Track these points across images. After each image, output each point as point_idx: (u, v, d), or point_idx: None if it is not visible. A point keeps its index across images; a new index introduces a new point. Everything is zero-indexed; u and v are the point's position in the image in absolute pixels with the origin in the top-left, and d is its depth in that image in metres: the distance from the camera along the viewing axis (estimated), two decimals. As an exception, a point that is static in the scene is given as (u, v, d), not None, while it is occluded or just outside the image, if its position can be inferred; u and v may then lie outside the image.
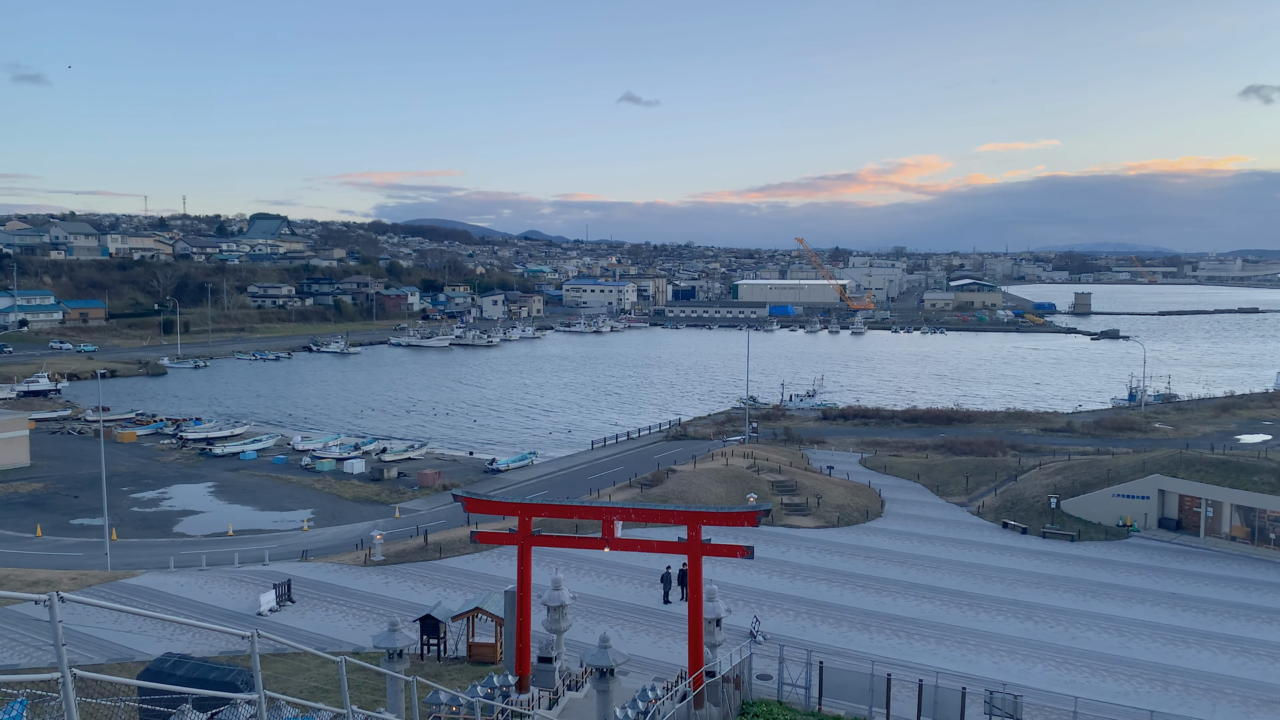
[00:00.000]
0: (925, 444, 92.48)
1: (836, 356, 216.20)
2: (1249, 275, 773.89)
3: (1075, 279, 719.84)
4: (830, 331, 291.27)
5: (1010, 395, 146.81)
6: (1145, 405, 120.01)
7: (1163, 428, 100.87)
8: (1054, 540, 60.27)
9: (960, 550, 57.79)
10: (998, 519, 64.83)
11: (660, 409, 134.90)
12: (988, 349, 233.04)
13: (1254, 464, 61.59)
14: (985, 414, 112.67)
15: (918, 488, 75.29)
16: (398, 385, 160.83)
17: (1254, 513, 58.15)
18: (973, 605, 47.72)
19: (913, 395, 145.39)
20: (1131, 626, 44.83)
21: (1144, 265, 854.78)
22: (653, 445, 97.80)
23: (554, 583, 33.89)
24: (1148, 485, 62.33)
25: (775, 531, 61.01)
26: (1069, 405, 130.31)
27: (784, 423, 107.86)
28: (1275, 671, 39.80)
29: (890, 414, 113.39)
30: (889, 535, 61.39)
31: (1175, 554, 57.09)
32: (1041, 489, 67.67)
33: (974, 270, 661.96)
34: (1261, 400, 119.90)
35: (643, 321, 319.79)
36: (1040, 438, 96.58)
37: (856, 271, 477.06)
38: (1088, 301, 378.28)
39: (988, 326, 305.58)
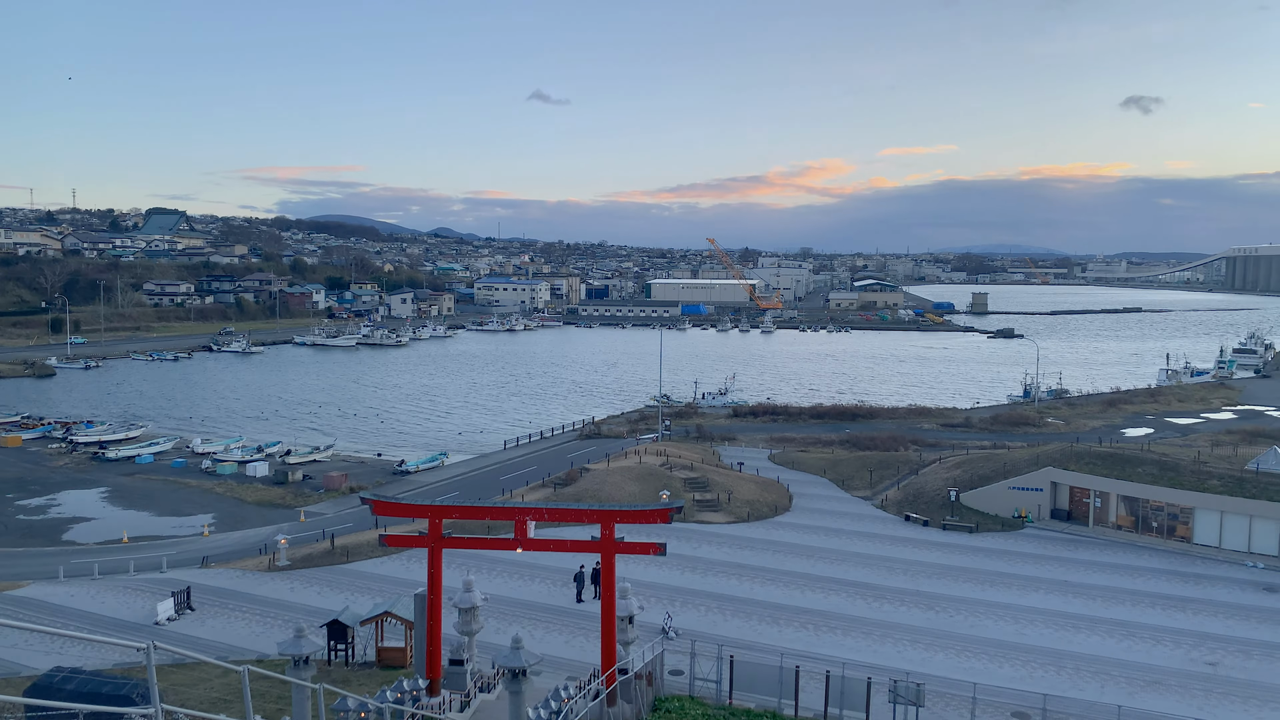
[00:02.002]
0: (831, 440, 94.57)
1: (747, 355, 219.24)
2: (1133, 276, 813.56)
3: (973, 279, 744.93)
4: (741, 330, 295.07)
5: (912, 392, 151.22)
6: (1039, 401, 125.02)
7: (1055, 422, 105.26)
8: (954, 532, 62.38)
9: (865, 543, 59.33)
10: (900, 512, 66.75)
11: (574, 408, 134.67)
12: (890, 347, 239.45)
13: (1138, 456, 64.81)
14: (888, 410, 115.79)
15: (824, 482, 76.97)
16: (303, 386, 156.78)
17: (1138, 502, 61.20)
18: (877, 596, 49.06)
19: (819, 393, 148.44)
20: (1027, 614, 46.74)
21: (1037, 266, 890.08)
22: (566, 444, 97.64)
23: (465, 584, 33.59)
24: (1041, 478, 65.01)
25: (688, 528, 61.61)
26: (967, 401, 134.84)
27: (696, 420, 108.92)
28: (1158, 653, 42.01)
29: (798, 411, 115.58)
30: (797, 529, 62.63)
31: (1067, 543, 59.70)
32: (942, 482, 69.92)
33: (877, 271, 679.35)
34: (1144, 396, 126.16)
35: (556, 320, 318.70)
36: (940, 433, 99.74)
37: (766, 272, 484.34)
38: (984, 301, 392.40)
39: (890, 325, 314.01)
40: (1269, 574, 53.12)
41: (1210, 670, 40.10)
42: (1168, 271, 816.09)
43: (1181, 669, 40.25)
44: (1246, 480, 58.09)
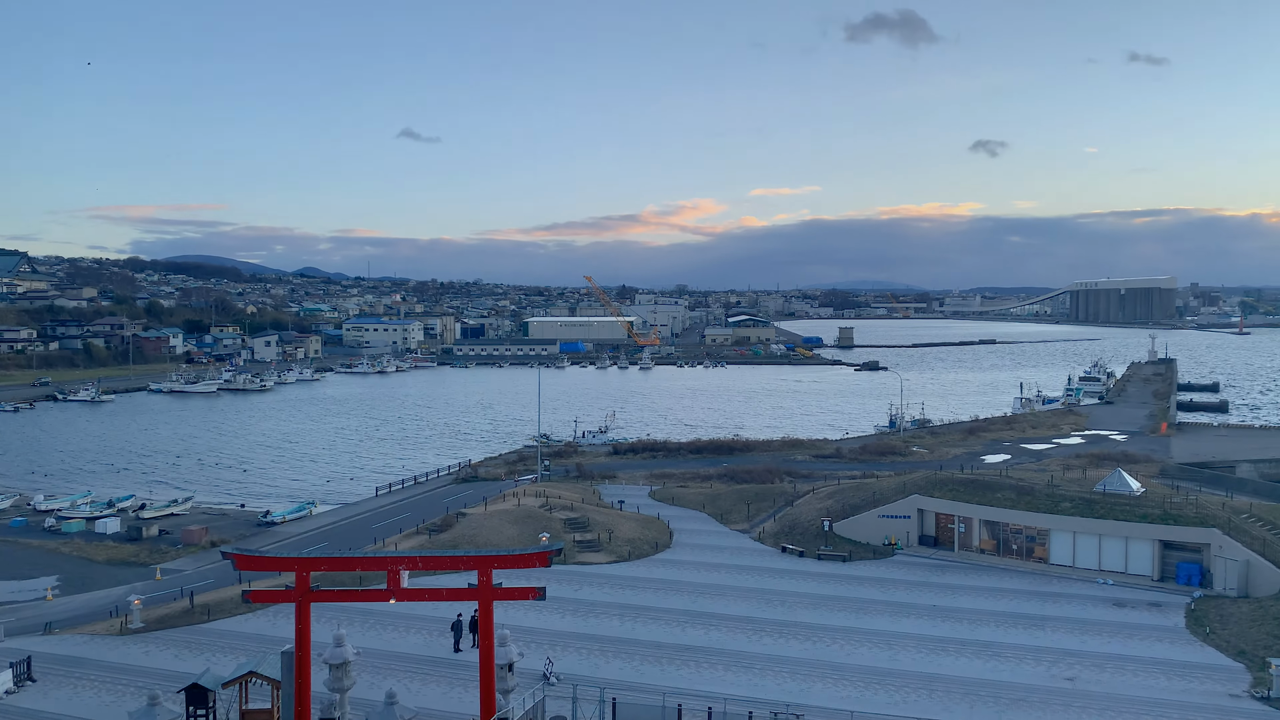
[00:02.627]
0: (710, 474, 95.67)
1: (626, 392, 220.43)
2: (987, 310, 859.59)
3: (839, 314, 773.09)
4: (620, 367, 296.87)
5: (785, 424, 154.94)
6: (904, 431, 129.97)
7: (919, 451, 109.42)
8: (828, 561, 63.80)
9: (744, 576, 59.99)
10: (777, 543, 67.87)
11: (449, 450, 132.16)
12: (764, 381, 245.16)
13: (997, 482, 67.92)
14: (763, 443, 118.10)
15: (703, 517, 77.65)
16: (158, 435, 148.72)
17: (999, 526, 64.06)
18: (757, 629, 49.56)
19: (698, 427, 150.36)
20: (899, 639, 48.04)
21: (899, 302, 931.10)
22: (441, 488, 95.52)
23: (336, 639, 32.27)
24: (908, 505, 67.34)
25: (568, 570, 60.98)
26: (838, 432, 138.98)
27: (576, 459, 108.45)
28: (1022, 671, 43.79)
29: (677, 446, 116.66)
30: (677, 566, 62.84)
31: (934, 568, 61.86)
32: (815, 513, 71.53)
33: (750, 307, 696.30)
34: (1001, 424, 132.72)
35: (430, 361, 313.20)
36: (813, 464, 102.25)
37: (642, 309, 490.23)
38: (850, 336, 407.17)
39: (764, 360, 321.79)
40: (1118, 590, 56.27)
41: (1069, 685, 42.02)
42: (1018, 305, 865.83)
43: (1043, 685, 42.04)
44: (1095, 501, 61.60)
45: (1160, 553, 57.47)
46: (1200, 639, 47.48)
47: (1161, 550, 57.47)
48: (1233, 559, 53.99)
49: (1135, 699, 40.34)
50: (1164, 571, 57.20)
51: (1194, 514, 57.89)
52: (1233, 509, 60.17)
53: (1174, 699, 40.26)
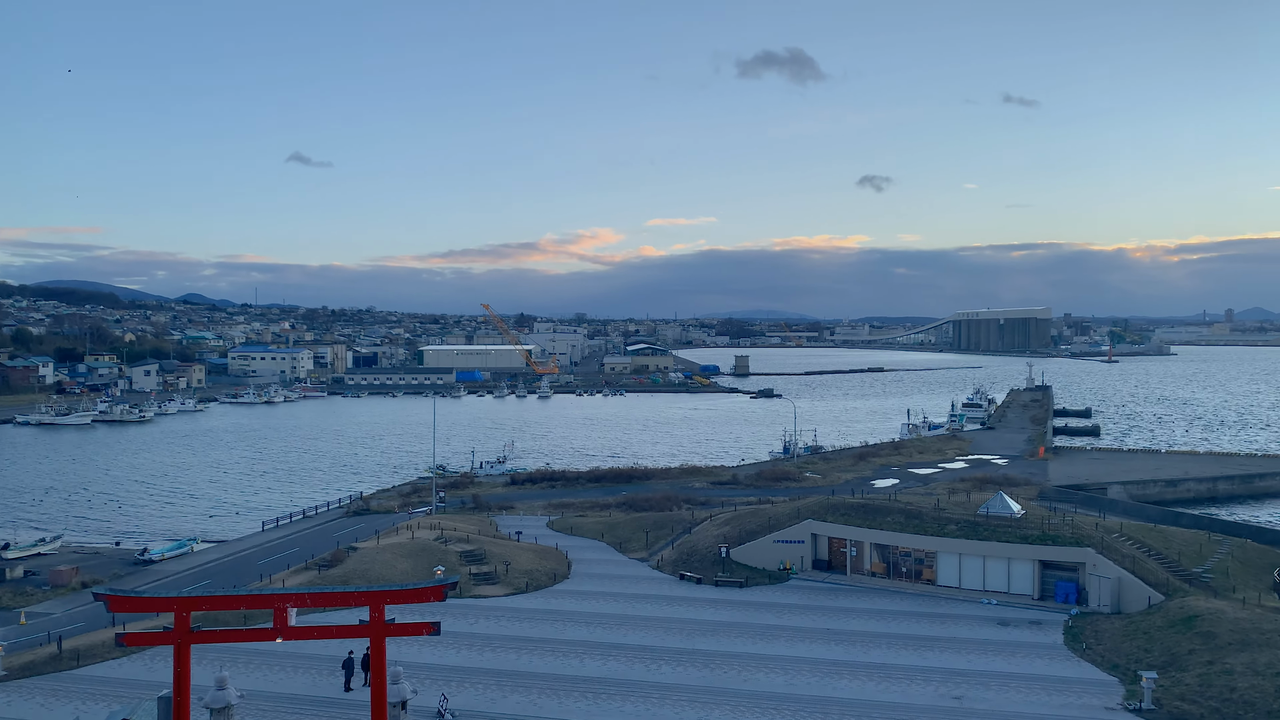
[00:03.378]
0: (608, 503, 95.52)
1: (525, 421, 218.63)
2: (875, 339, 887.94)
3: (735, 343, 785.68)
4: (518, 396, 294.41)
5: (684, 452, 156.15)
6: (797, 457, 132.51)
7: (813, 476, 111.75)
8: (726, 588, 64.31)
9: (642, 605, 59.93)
10: (676, 571, 68.10)
11: (340, 483, 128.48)
12: (663, 409, 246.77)
13: (886, 506, 69.81)
14: (662, 471, 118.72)
15: (602, 546, 77.38)
16: (24, 470, 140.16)
17: (888, 549, 65.76)
18: (655, 658, 49.49)
19: (597, 456, 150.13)
20: (795, 664, 48.67)
21: (792, 331, 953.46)
22: (332, 523, 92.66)
23: (218, 682, 30.86)
24: (802, 530, 68.56)
25: (464, 603, 59.83)
26: (735, 459, 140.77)
27: (473, 490, 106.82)
28: (912, 692, 44.87)
29: (576, 475, 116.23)
30: (576, 596, 62.36)
31: (828, 592, 63.03)
32: (713, 539, 72.11)
33: (648, 335, 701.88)
34: (890, 449, 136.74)
35: (320, 390, 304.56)
36: (711, 491, 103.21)
37: (541, 337, 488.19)
38: (746, 364, 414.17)
39: (662, 388, 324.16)
40: (1002, 609, 58.38)
41: (956, 704, 43.26)
42: (905, 334, 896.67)
43: (932, 705, 43.16)
44: (979, 524, 63.91)
45: (1040, 572, 59.90)
46: (1077, 654, 49.58)
47: (1041, 570, 59.90)
48: (1106, 577, 56.66)
49: (1018, 715, 41.77)
50: (1044, 590, 59.60)
51: (1070, 534, 60.60)
52: (1105, 529, 63.24)
53: (1053, 713, 41.85)
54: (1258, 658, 43.36)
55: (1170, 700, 42.11)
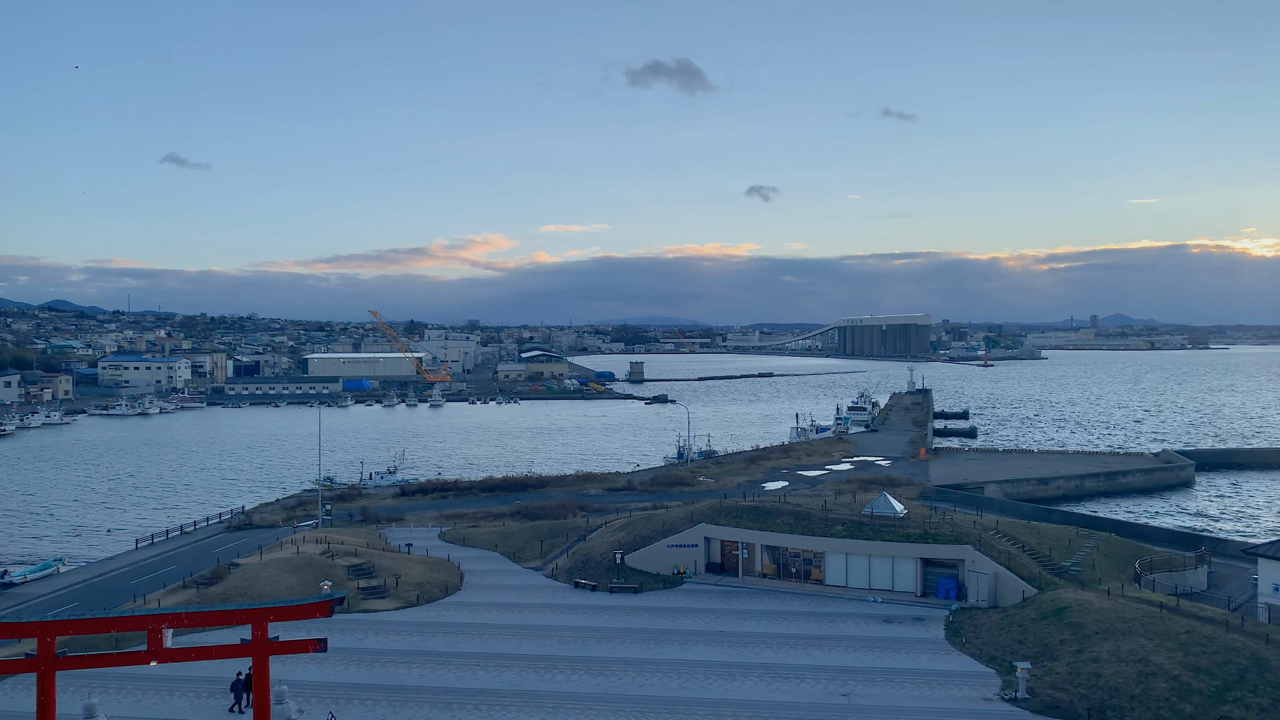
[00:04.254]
0: (502, 512, 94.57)
1: (416, 430, 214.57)
2: (765, 345, 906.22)
3: (630, 349, 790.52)
4: (408, 405, 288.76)
5: (579, 459, 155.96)
6: (691, 461, 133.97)
7: (706, 480, 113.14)
8: (620, 594, 64.47)
9: (537, 614, 59.55)
10: (571, 579, 67.91)
11: (220, 497, 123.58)
12: (558, 416, 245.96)
13: (776, 508, 71.21)
14: (557, 478, 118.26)
15: (496, 556, 76.56)
16: None
17: (778, 551, 67.08)
18: (549, 668, 49.23)
19: (490, 465, 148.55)
20: (689, 668, 49.14)
21: (685, 337, 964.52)
22: (212, 539, 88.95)
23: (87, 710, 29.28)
24: (695, 534, 69.32)
25: (352, 619, 58.29)
26: (629, 465, 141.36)
27: (361, 502, 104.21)
28: (802, 691, 45.84)
29: (469, 485, 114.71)
30: (468, 608, 61.50)
31: (721, 595, 63.87)
32: (608, 546, 72.21)
33: (543, 342, 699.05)
34: (779, 452, 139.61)
35: (199, 401, 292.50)
36: (606, 497, 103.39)
37: (433, 345, 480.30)
38: (641, 370, 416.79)
39: (557, 395, 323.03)
40: (887, 607, 60.23)
41: (844, 701, 44.42)
42: (794, 340, 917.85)
43: (822, 703, 44.20)
44: (864, 524, 65.83)
45: (922, 570, 62.07)
46: (958, 648, 51.57)
47: (923, 567, 62.09)
48: (983, 572, 59.13)
49: (902, 709, 43.18)
50: (926, 587, 61.78)
51: (950, 532, 63.00)
52: (983, 526, 66.04)
53: (936, 706, 43.42)
54: (1121, 645, 45.92)
55: (1043, 689, 44.22)
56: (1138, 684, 42.64)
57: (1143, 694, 41.97)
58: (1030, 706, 43.06)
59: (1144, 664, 43.82)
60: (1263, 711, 40.19)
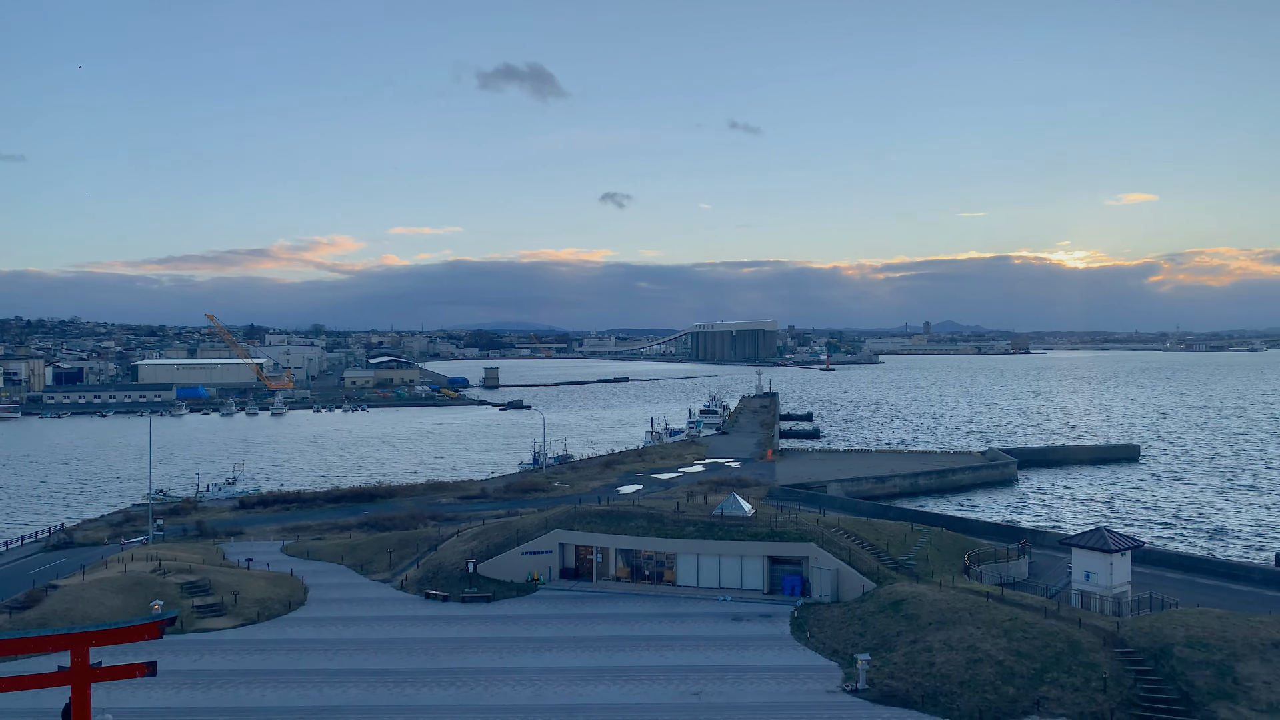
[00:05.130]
0: (349, 523, 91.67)
1: (257, 439, 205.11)
2: (621, 350, 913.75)
3: (484, 355, 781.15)
4: (249, 413, 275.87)
5: (431, 467, 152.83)
6: (547, 467, 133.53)
7: (561, 486, 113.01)
8: (473, 604, 63.58)
9: (385, 627, 58.00)
10: (421, 590, 66.48)
11: (37, 515, 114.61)
12: (409, 423, 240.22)
13: (630, 512, 71.89)
14: (407, 487, 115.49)
15: (342, 569, 74.12)
16: None
17: (633, 554, 67.74)
18: (398, 681, 48.03)
19: (337, 475, 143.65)
20: (543, 675, 48.94)
21: (541, 342, 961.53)
22: (28, 559, 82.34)
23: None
24: (550, 540, 69.15)
25: (186, 639, 55.21)
26: (484, 472, 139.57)
27: (197, 516, 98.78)
28: (654, 692, 46.42)
29: (313, 496, 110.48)
30: (313, 623, 59.29)
31: (575, 600, 63.93)
32: (460, 555, 71.09)
33: (393, 348, 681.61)
34: (634, 456, 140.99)
35: (13, 412, 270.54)
36: (458, 506, 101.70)
37: (275, 350, 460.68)
38: (496, 376, 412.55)
39: (408, 401, 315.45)
40: (736, 605, 61.75)
41: (695, 700, 45.28)
42: (648, 345, 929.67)
43: (673, 703, 44.89)
44: (714, 524, 67.31)
45: (769, 567, 64.00)
46: (803, 643, 53.43)
47: (770, 565, 64.03)
48: (826, 569, 61.48)
49: (750, 704, 44.39)
50: (773, 584, 63.73)
51: (795, 530, 65.21)
52: (825, 524, 68.63)
53: (782, 700, 44.85)
54: (952, 634, 48.68)
55: (881, 679, 46.37)
56: (967, 670, 45.31)
57: (971, 679, 44.63)
58: (870, 696, 45.07)
59: (972, 651, 46.61)
60: (1075, 690, 43.46)
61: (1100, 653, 45.85)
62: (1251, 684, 42.62)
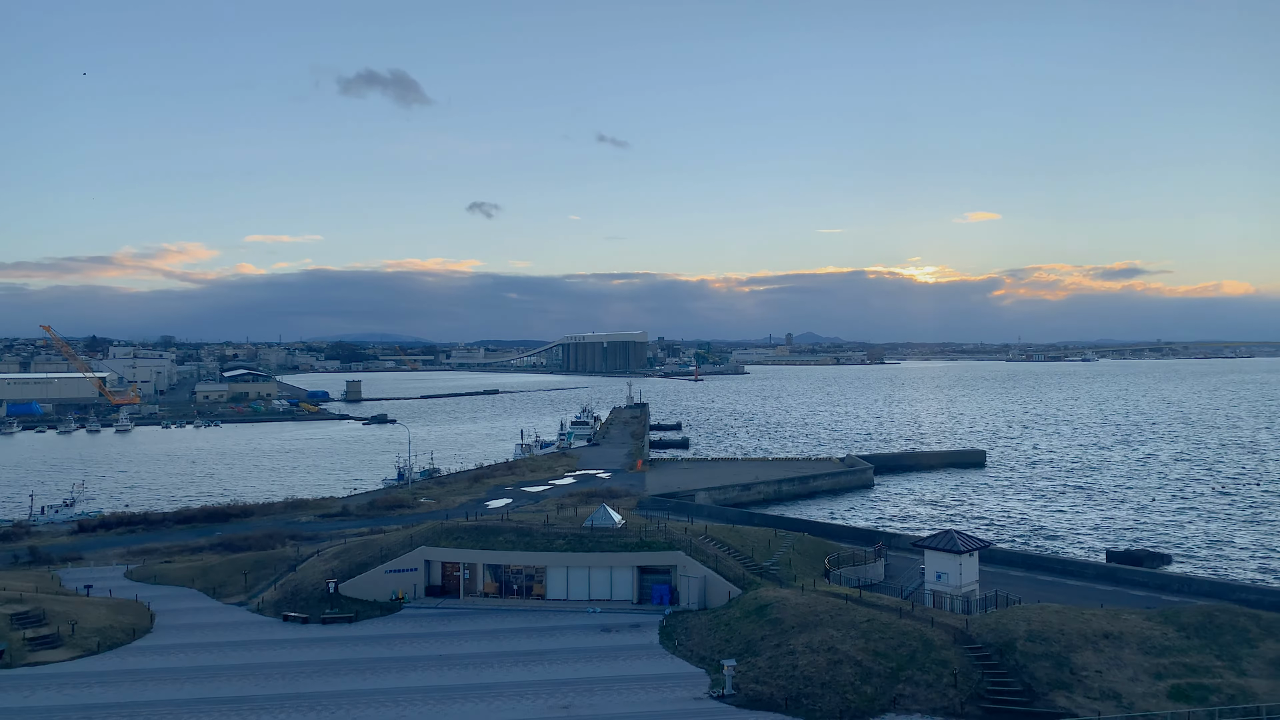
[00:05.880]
0: (201, 545, 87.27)
1: (99, 458, 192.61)
2: (490, 362, 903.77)
3: (347, 367, 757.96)
4: (89, 430, 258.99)
5: (289, 485, 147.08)
6: (412, 482, 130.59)
7: (428, 501, 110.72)
8: (334, 625, 61.46)
9: (240, 652, 55.39)
10: (279, 612, 63.82)
11: None
12: (266, 439, 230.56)
13: (498, 526, 71.03)
14: (264, 506, 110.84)
15: (193, 593, 70.42)
16: None
17: (501, 569, 66.92)
18: (254, 709, 45.92)
19: (187, 495, 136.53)
20: (406, 695, 47.71)
21: (407, 354, 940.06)
22: None
23: None
24: (415, 557, 67.56)
25: (16, 674, 51.20)
26: (346, 489, 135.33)
27: (30, 541, 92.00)
28: (521, 708, 45.94)
29: (161, 517, 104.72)
30: (160, 652, 56.05)
31: (441, 618, 62.64)
32: (321, 575, 68.63)
33: (249, 360, 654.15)
34: (504, 469, 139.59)
35: None
36: (319, 524, 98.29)
37: (119, 363, 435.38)
38: (359, 389, 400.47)
39: (265, 416, 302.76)
40: (605, 616, 61.84)
41: (564, 714, 45.05)
42: (518, 357, 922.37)
43: (542, 718, 44.53)
44: (585, 536, 67.26)
45: (638, 577, 64.41)
46: (671, 651, 53.97)
47: (639, 575, 64.44)
48: (694, 576, 62.33)
49: (619, 715, 44.52)
50: (642, 594, 64.15)
51: (664, 540, 65.89)
52: (693, 532, 69.64)
53: (650, 709, 45.15)
54: (814, 637, 50.12)
55: (747, 683, 47.30)
56: (828, 671, 46.74)
57: (831, 680, 46.07)
58: (735, 701, 45.92)
59: (833, 652, 48.12)
60: (928, 687, 45.45)
61: (951, 650, 48.13)
62: (1086, 673, 45.58)
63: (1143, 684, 44.68)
